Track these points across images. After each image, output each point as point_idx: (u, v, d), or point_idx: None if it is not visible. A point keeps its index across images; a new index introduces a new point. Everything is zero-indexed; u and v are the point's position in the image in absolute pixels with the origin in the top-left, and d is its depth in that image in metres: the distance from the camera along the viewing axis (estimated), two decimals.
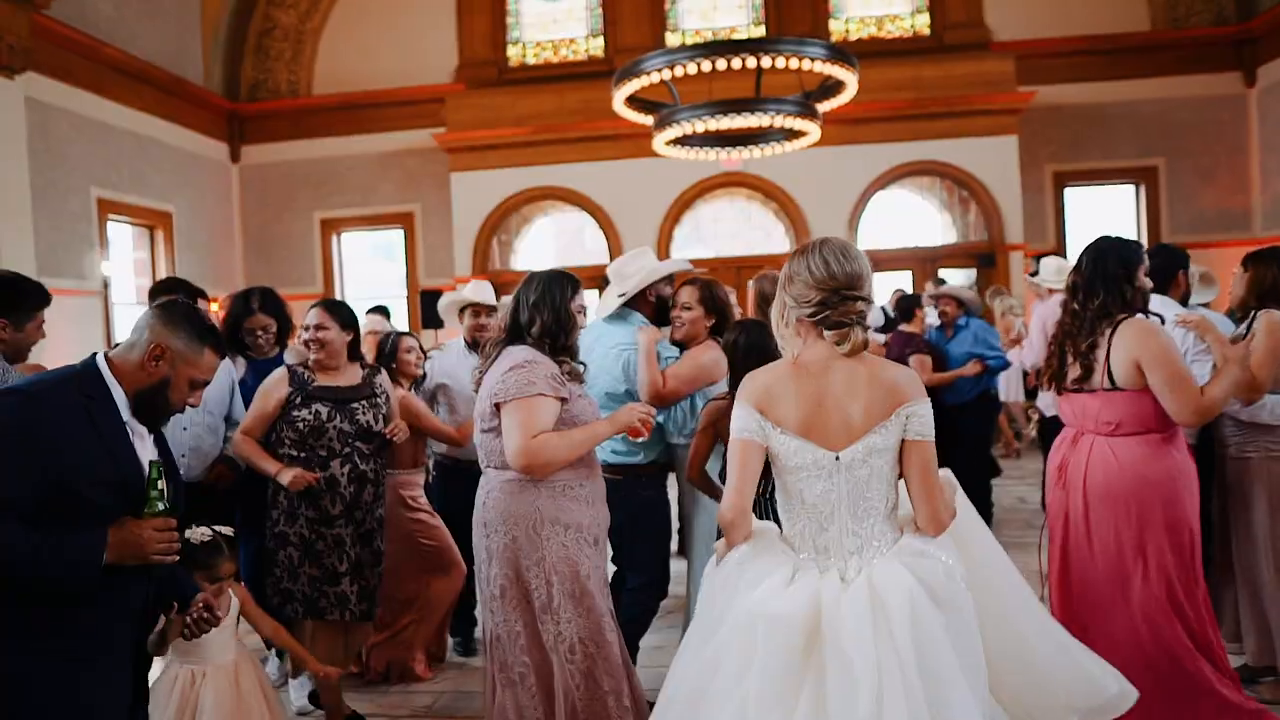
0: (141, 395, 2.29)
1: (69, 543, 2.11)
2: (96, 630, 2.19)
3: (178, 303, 2.48)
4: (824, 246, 2.32)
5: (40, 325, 3.16)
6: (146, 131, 12.04)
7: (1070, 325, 3.24)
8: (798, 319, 2.31)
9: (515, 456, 2.75)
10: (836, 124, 11.60)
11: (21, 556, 2.05)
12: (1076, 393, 3.20)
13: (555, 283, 3.02)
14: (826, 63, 7.96)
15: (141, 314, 2.41)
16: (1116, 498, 3.05)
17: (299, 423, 3.72)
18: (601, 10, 13.98)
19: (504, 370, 2.85)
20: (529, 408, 2.75)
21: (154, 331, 2.31)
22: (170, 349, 2.30)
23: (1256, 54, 13.06)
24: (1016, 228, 12.61)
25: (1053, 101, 13.22)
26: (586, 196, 13.11)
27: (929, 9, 13.77)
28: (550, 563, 2.81)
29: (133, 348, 2.31)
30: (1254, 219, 13.33)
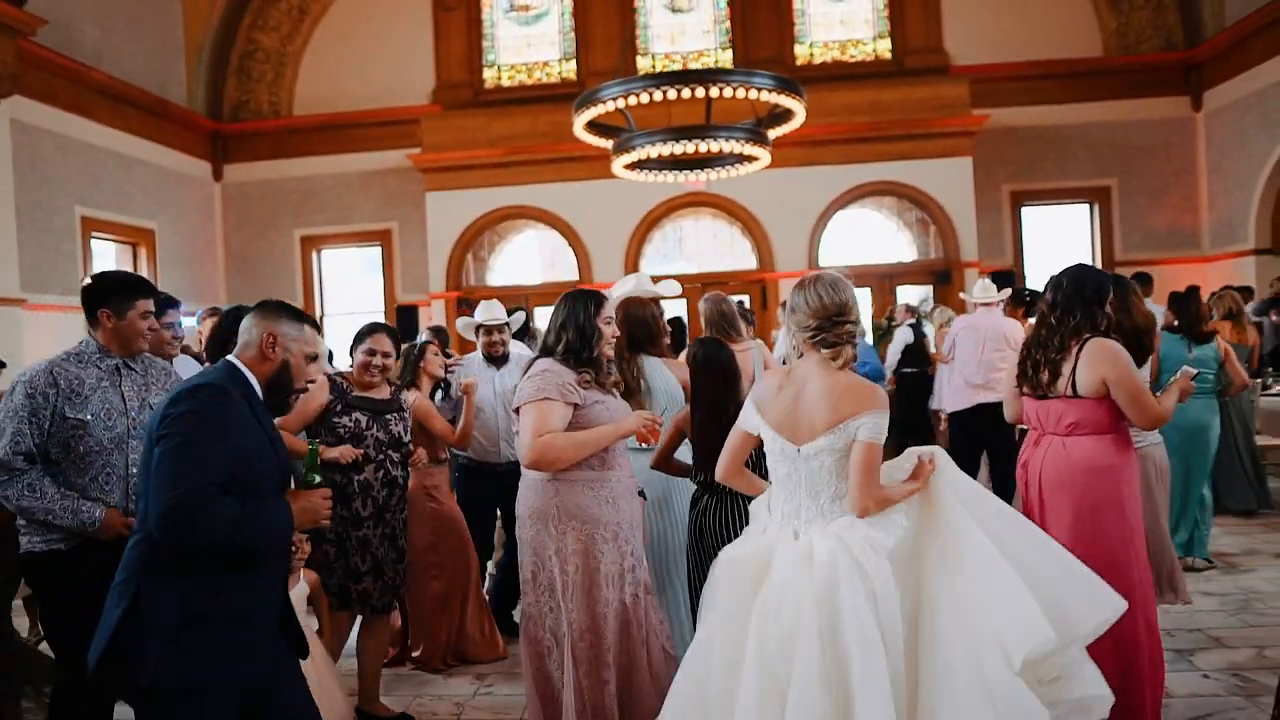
0: (271, 382, 2.60)
1: (266, 513, 2.43)
2: (253, 594, 2.46)
3: (269, 299, 2.82)
4: (817, 282, 2.86)
5: (145, 315, 3.23)
6: (130, 151, 12.43)
7: (1044, 336, 3.60)
8: (802, 340, 2.86)
9: (524, 453, 3.13)
10: (798, 145, 12.10)
11: (239, 529, 2.33)
12: (1044, 397, 3.57)
13: (579, 302, 3.36)
14: (774, 92, 8.38)
15: (245, 319, 2.69)
16: (1066, 485, 3.44)
17: (340, 428, 3.96)
18: (574, 34, 14.43)
19: (521, 379, 3.27)
20: (539, 410, 3.11)
21: (261, 325, 2.61)
22: (280, 334, 2.60)
23: (1202, 79, 13.59)
24: (971, 246, 13.07)
25: (1010, 123, 13.71)
26: (558, 216, 13.53)
27: (890, 34, 14.26)
28: (565, 554, 3.14)
29: (248, 345, 2.60)
30: (1202, 238, 13.82)
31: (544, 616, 3.21)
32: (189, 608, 2.33)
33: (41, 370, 3.12)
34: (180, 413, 2.35)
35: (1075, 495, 3.41)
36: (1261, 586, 5.27)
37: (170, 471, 2.28)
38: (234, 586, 2.39)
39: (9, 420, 3.06)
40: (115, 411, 3.17)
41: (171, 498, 2.25)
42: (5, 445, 3.04)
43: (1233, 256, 13.09)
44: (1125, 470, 3.49)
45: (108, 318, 3.21)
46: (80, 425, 3.09)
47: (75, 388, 3.11)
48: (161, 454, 2.31)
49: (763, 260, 13.42)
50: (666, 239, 13.98)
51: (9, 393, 3.12)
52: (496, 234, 14.10)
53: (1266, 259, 12.59)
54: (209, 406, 2.39)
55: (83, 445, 3.10)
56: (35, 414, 3.05)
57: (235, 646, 2.38)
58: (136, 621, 2.30)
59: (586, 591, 3.14)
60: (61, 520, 3.04)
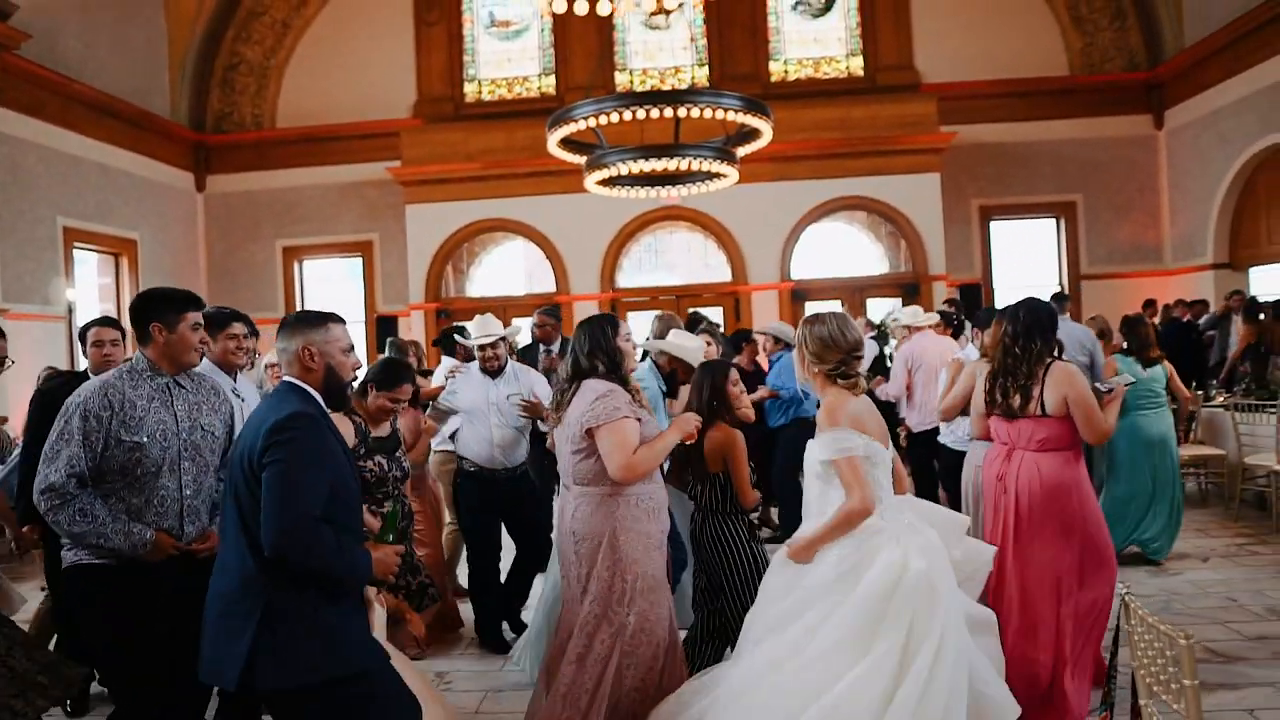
0: (326, 386, 2.77)
1: (355, 554, 2.64)
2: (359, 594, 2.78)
3: (287, 315, 2.99)
4: (832, 320, 3.24)
5: (195, 327, 3.19)
6: (113, 163, 12.60)
7: (1010, 365, 3.99)
8: (817, 371, 3.20)
9: (618, 470, 3.28)
10: (772, 161, 12.38)
11: (336, 561, 2.55)
12: (1015, 418, 3.98)
13: (599, 328, 3.55)
14: (741, 113, 8.63)
15: (277, 343, 2.85)
16: (1049, 500, 3.88)
17: (365, 473, 3.92)
18: (553, 50, 14.70)
19: (590, 401, 3.38)
20: (621, 429, 3.31)
21: (292, 340, 2.76)
22: (311, 342, 2.76)
23: (1164, 98, 13.97)
24: (939, 259, 13.38)
25: (979, 139, 14.04)
26: (536, 229, 13.77)
27: (863, 52, 14.58)
28: (626, 563, 3.35)
29: (291, 363, 2.76)
30: (1165, 252, 14.19)
31: (599, 624, 3.39)
32: (316, 606, 2.56)
33: (95, 392, 3.06)
34: (286, 439, 2.53)
35: (1055, 509, 3.86)
36: (1183, 588, 5.55)
37: (278, 499, 2.48)
38: (345, 592, 2.65)
39: (63, 443, 3.01)
40: (169, 432, 3.13)
41: (281, 525, 2.46)
42: (60, 469, 2.98)
43: (1193, 270, 13.45)
44: (1085, 481, 4.01)
45: (159, 331, 3.14)
46: (136, 448, 3.05)
47: (129, 409, 3.06)
48: (272, 478, 2.50)
49: (736, 273, 13.70)
50: (642, 252, 14.24)
51: (63, 414, 3.05)
52: (475, 246, 14.33)
53: (1224, 273, 12.95)
54: (307, 434, 2.58)
55: (139, 468, 3.06)
56: (89, 437, 3.00)
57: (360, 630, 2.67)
58: (266, 632, 2.51)
59: (646, 596, 3.40)
60: (114, 542, 3.00)
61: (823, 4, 14.82)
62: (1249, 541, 6.62)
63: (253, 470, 2.56)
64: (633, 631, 3.35)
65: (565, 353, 6.65)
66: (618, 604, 3.36)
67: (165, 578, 3.05)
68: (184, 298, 3.25)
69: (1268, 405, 7.25)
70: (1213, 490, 8.18)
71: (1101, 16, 14.19)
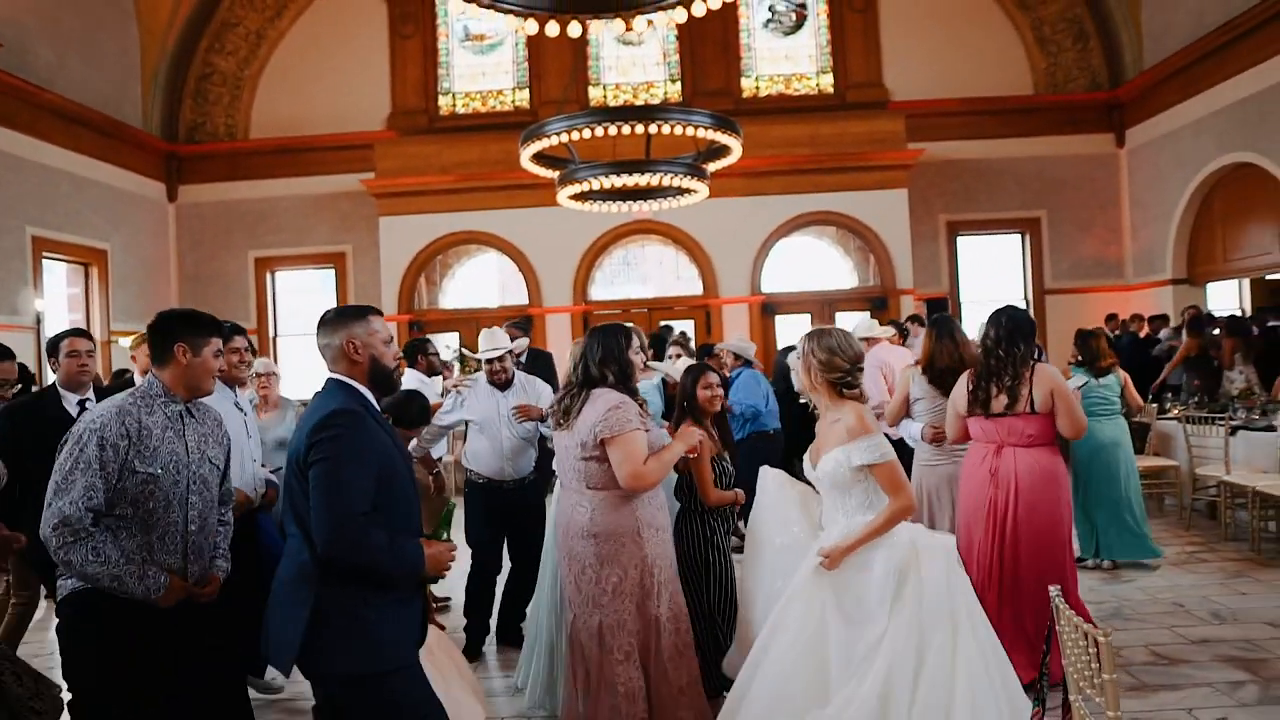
0: (372, 377, 2.82)
1: (407, 550, 2.68)
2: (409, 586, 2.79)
3: (325, 312, 2.98)
4: (837, 333, 3.46)
5: (217, 354, 3.08)
6: (84, 172, 12.57)
7: (995, 367, 4.36)
8: (823, 381, 3.39)
9: (627, 479, 3.42)
10: (743, 176, 12.57)
11: (385, 558, 2.61)
12: (1002, 416, 4.33)
13: (612, 338, 3.65)
14: (710, 130, 8.79)
15: (317, 341, 2.88)
16: (1038, 488, 4.28)
17: None
18: (527, 64, 14.83)
19: (604, 411, 3.48)
20: (632, 441, 3.44)
21: (335, 335, 2.81)
22: (353, 335, 2.81)
23: (1125, 118, 14.32)
24: (907, 273, 13.61)
25: (946, 156, 14.31)
26: (509, 241, 13.87)
27: (833, 70, 14.83)
28: (651, 560, 3.50)
29: (336, 360, 2.81)
30: (1126, 267, 14.51)
31: (623, 625, 3.50)
32: (365, 599, 2.64)
33: (112, 418, 2.86)
34: (330, 437, 2.60)
35: (1047, 497, 4.30)
36: (1133, 595, 5.73)
37: (324, 499, 2.55)
38: (393, 589, 2.71)
39: (79, 473, 2.78)
40: (180, 463, 2.95)
41: (329, 523, 2.54)
42: (77, 500, 2.76)
43: (1153, 286, 13.77)
44: (1065, 474, 4.49)
45: (184, 353, 2.99)
46: (151, 480, 2.86)
47: (145, 438, 2.88)
48: (317, 477, 2.57)
49: (707, 286, 13.86)
50: (614, 265, 14.37)
51: (76, 442, 2.83)
52: (449, 258, 14.39)
53: (1183, 288, 13.28)
54: (349, 431, 2.62)
55: (151, 501, 2.87)
56: (105, 467, 2.79)
57: (405, 624, 2.73)
58: (318, 621, 2.60)
59: (670, 589, 3.58)
60: (128, 586, 2.78)
61: (793, 22, 15.06)
62: (1199, 549, 6.82)
63: (301, 468, 2.64)
64: (671, 622, 3.52)
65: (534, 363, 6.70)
66: (646, 599, 3.50)
67: (169, 620, 2.90)
68: (211, 321, 3.12)
69: (1217, 418, 7.47)
70: (1167, 501, 8.40)
71: (1064, 38, 14.53)
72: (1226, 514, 7.09)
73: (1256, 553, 6.59)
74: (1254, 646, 4.71)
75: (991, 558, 4.35)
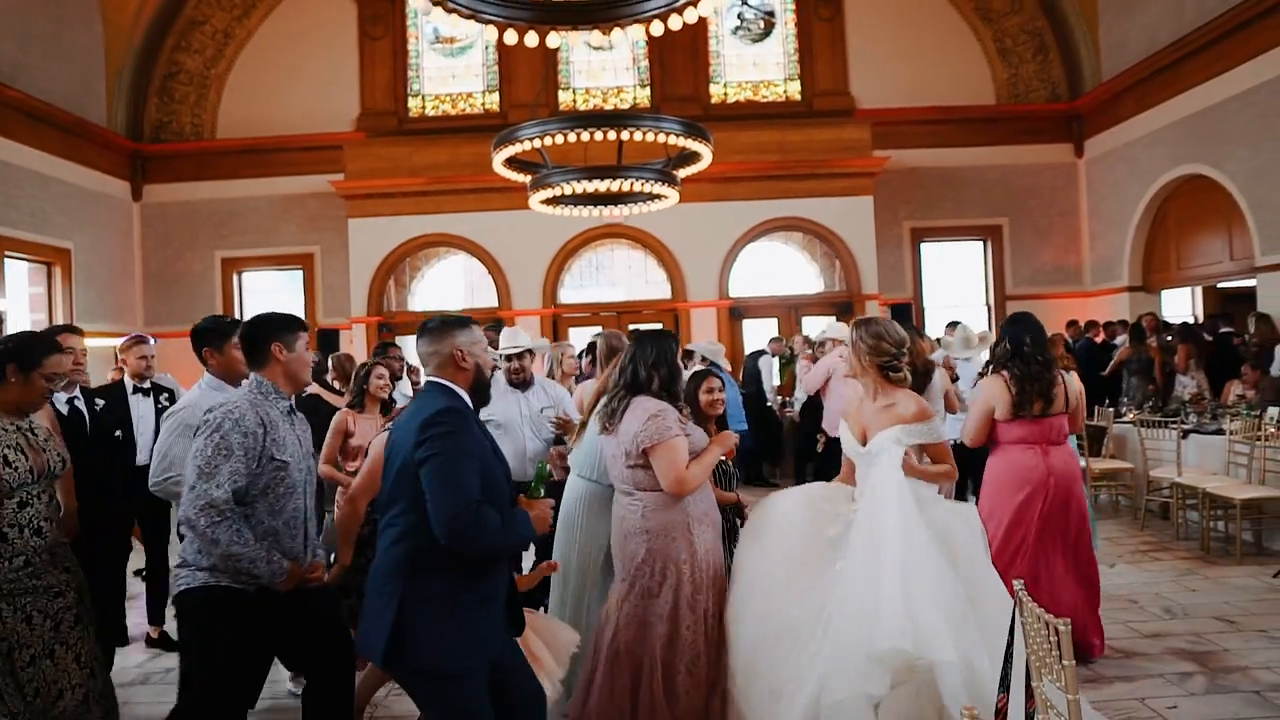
0: (475, 384, 2.97)
1: (517, 521, 2.82)
2: (492, 580, 2.89)
3: (428, 320, 3.09)
4: (881, 321, 3.81)
5: (306, 346, 3.27)
6: (47, 170, 12.42)
7: (1036, 371, 4.64)
8: (872, 365, 3.71)
9: (671, 485, 3.53)
10: (711, 181, 12.71)
11: (504, 536, 2.76)
12: (1045, 417, 4.66)
13: (665, 344, 3.75)
14: (681, 136, 8.92)
15: (420, 348, 2.99)
16: (1078, 482, 4.75)
17: None
18: (497, 68, 14.88)
19: (644, 420, 3.58)
20: (673, 448, 3.54)
21: (443, 343, 2.94)
22: (461, 344, 2.95)
23: (1084, 129, 14.68)
24: (872, 279, 13.84)
25: (911, 164, 14.58)
26: (478, 244, 13.91)
27: (800, 77, 15.04)
28: (701, 554, 3.60)
29: (442, 366, 2.94)
30: (1084, 274, 14.87)
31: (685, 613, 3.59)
32: (453, 597, 2.76)
33: (246, 408, 3.05)
34: (440, 434, 2.73)
35: (1079, 489, 4.73)
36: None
37: (443, 490, 2.68)
38: (482, 575, 2.84)
39: (221, 458, 2.96)
40: (299, 454, 3.18)
41: (450, 513, 2.65)
42: (224, 484, 2.94)
43: (1111, 293, 14.12)
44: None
45: (280, 351, 3.17)
46: (283, 466, 3.08)
47: (273, 428, 3.08)
48: (433, 470, 2.70)
49: (676, 290, 14.00)
50: (584, 268, 14.46)
51: (213, 429, 3.00)
52: (418, 260, 14.40)
53: (1139, 295, 13.64)
54: (459, 428, 2.78)
55: (281, 487, 3.09)
56: (247, 453, 2.99)
57: (486, 626, 2.83)
58: (406, 614, 2.71)
59: (720, 585, 3.68)
60: (259, 568, 2.98)
61: (762, 29, 15.26)
62: (1152, 549, 7.06)
63: (407, 466, 2.76)
64: (714, 618, 3.61)
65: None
66: (696, 593, 3.59)
67: (283, 608, 3.13)
68: (296, 319, 3.31)
69: (1170, 422, 7.73)
70: (1122, 501, 8.67)
71: (1026, 50, 14.87)
72: (1178, 514, 7.34)
73: (1206, 551, 6.84)
74: (1202, 640, 4.93)
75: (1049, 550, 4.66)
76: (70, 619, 3.29)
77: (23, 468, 3.20)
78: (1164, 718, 4.00)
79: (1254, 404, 8.05)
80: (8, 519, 3.17)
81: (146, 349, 5.52)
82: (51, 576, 3.25)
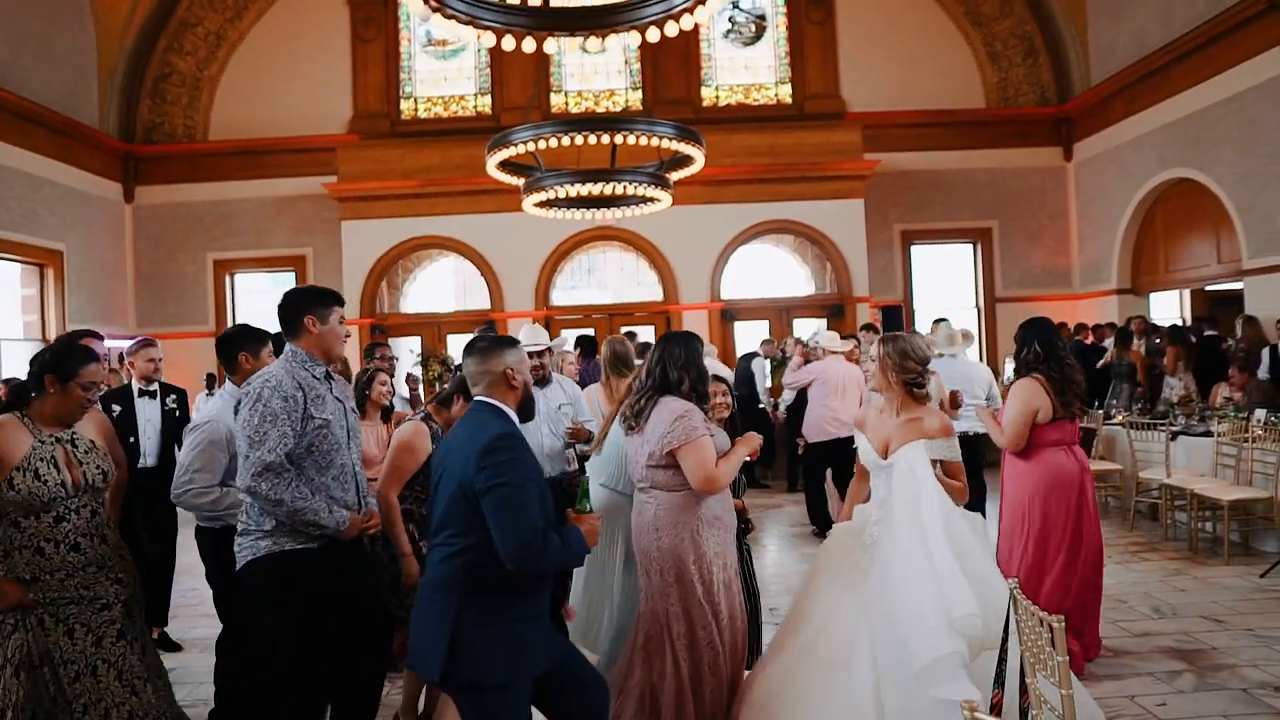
0: (523, 402, 3.07)
1: (572, 538, 2.89)
2: (541, 597, 2.97)
3: (477, 338, 3.18)
4: (908, 338, 3.95)
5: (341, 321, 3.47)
6: (39, 171, 12.39)
7: (1070, 373, 4.75)
8: (896, 380, 3.85)
9: (701, 484, 3.56)
10: (703, 184, 12.76)
11: (564, 555, 2.84)
12: (1073, 419, 4.80)
13: (693, 346, 3.80)
14: (674, 140, 8.96)
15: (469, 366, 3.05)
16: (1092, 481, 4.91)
17: None
18: (489, 70, 14.91)
19: (671, 420, 3.61)
20: (701, 448, 3.57)
21: (494, 363, 2.99)
22: (511, 364, 3.02)
23: (1073, 133, 14.79)
24: (863, 281, 13.92)
25: (901, 167, 14.66)
26: (471, 246, 13.93)
27: (791, 80, 15.11)
28: (710, 555, 3.63)
29: (493, 385, 3.00)
30: (1073, 277, 14.98)
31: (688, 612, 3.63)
32: (506, 613, 2.83)
33: (284, 374, 3.26)
34: (502, 461, 2.78)
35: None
36: None
37: (513, 515, 2.74)
38: (533, 591, 2.92)
39: (269, 425, 3.16)
40: (339, 411, 3.39)
41: (519, 538, 2.72)
42: (274, 448, 3.15)
43: (1099, 295, 14.23)
44: None
45: (313, 324, 3.37)
46: (325, 425, 3.29)
47: (311, 388, 3.28)
48: (500, 499, 2.75)
49: (668, 292, 14.04)
50: (576, 271, 14.50)
51: (255, 399, 3.21)
52: (410, 262, 14.42)
53: (1128, 298, 13.75)
54: (521, 452, 2.85)
55: (326, 444, 3.29)
56: (290, 416, 3.18)
57: (535, 640, 2.89)
58: (463, 630, 2.78)
59: (732, 586, 3.71)
60: (323, 518, 3.21)
61: (753, 33, 15.33)
62: (1141, 549, 7.15)
63: (464, 488, 2.81)
64: (725, 618, 3.65)
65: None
66: (707, 593, 3.62)
67: (350, 561, 3.32)
68: (332, 294, 3.50)
69: (1159, 424, 7.82)
70: (1112, 502, 8.75)
71: (1015, 54, 14.97)
72: (1167, 515, 7.43)
73: (1194, 552, 6.92)
74: (1191, 639, 5.00)
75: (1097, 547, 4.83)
76: (113, 634, 3.28)
77: (54, 482, 3.18)
78: (1153, 715, 4.07)
79: (1241, 406, 8.14)
80: (44, 533, 3.15)
81: (154, 351, 5.59)
82: (101, 588, 3.24)
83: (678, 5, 5.67)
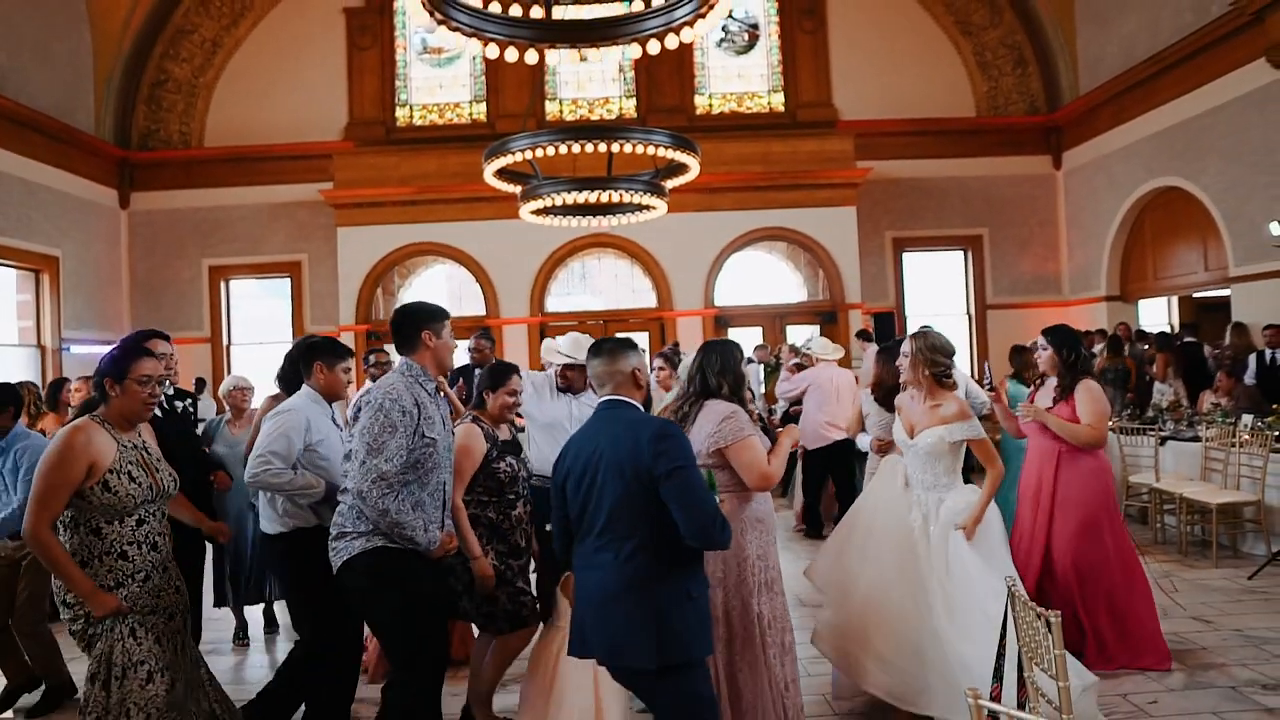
0: (645, 402, 3.22)
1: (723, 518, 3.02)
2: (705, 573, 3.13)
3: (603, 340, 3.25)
4: (936, 335, 4.31)
5: (452, 334, 3.65)
6: (34, 177, 12.42)
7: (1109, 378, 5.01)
8: (928, 374, 4.23)
9: (756, 481, 3.58)
10: (697, 192, 12.87)
11: (727, 531, 2.94)
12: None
13: (731, 353, 3.83)
14: (670, 149, 9.05)
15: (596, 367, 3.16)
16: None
17: (500, 473, 4.07)
18: (485, 78, 15.00)
19: (718, 421, 3.62)
20: (751, 447, 3.58)
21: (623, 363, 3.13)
22: (639, 366, 3.19)
23: (1061, 141, 14.97)
24: (855, 288, 14.04)
25: (892, 175, 14.81)
26: (466, 252, 14.02)
27: (784, 89, 15.25)
28: (752, 556, 3.62)
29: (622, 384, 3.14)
30: (1063, 284, 15.14)
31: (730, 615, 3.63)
32: (690, 590, 2.95)
33: (403, 389, 3.39)
34: (676, 446, 2.91)
35: None
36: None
37: (696, 496, 2.87)
38: (702, 568, 3.07)
39: (388, 435, 3.29)
40: (444, 431, 3.50)
41: (704, 516, 2.85)
42: (392, 459, 3.28)
43: (1089, 302, 14.39)
44: None
45: (430, 338, 3.53)
46: (432, 443, 3.41)
47: (424, 406, 3.41)
48: (683, 481, 2.86)
49: (662, 299, 14.15)
50: (570, 277, 14.60)
51: (377, 409, 3.33)
52: (405, 268, 14.49)
53: (1116, 305, 13.92)
54: (683, 437, 3.00)
55: (429, 462, 3.41)
56: (405, 430, 3.31)
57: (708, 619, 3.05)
58: (665, 617, 2.87)
59: (769, 586, 3.71)
60: (418, 536, 3.34)
61: (746, 42, 15.46)
62: None
63: (639, 478, 2.89)
64: (774, 622, 3.66)
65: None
66: (750, 596, 3.64)
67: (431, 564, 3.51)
68: (441, 309, 3.66)
69: (1148, 429, 7.94)
70: None
71: (1005, 63, 15.15)
72: (1156, 518, 7.55)
73: (1183, 554, 7.04)
74: (1181, 639, 5.10)
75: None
76: (179, 644, 3.31)
77: (145, 484, 3.21)
78: (1145, 712, 4.17)
79: (1229, 411, 8.27)
80: (127, 536, 3.18)
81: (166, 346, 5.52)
82: (167, 597, 3.27)
83: (678, 19, 5.73)
